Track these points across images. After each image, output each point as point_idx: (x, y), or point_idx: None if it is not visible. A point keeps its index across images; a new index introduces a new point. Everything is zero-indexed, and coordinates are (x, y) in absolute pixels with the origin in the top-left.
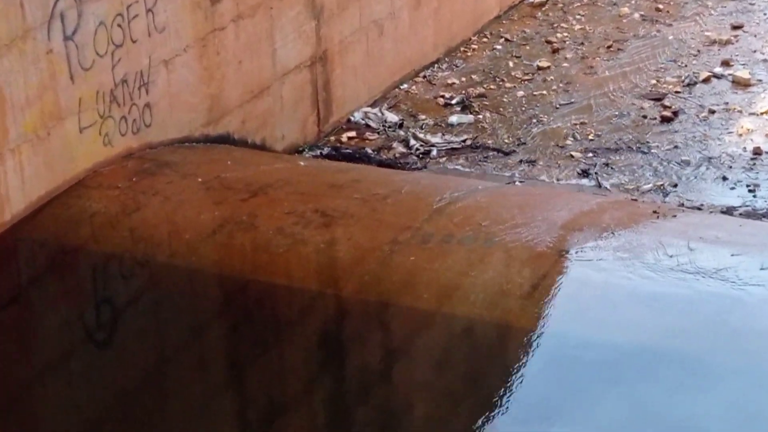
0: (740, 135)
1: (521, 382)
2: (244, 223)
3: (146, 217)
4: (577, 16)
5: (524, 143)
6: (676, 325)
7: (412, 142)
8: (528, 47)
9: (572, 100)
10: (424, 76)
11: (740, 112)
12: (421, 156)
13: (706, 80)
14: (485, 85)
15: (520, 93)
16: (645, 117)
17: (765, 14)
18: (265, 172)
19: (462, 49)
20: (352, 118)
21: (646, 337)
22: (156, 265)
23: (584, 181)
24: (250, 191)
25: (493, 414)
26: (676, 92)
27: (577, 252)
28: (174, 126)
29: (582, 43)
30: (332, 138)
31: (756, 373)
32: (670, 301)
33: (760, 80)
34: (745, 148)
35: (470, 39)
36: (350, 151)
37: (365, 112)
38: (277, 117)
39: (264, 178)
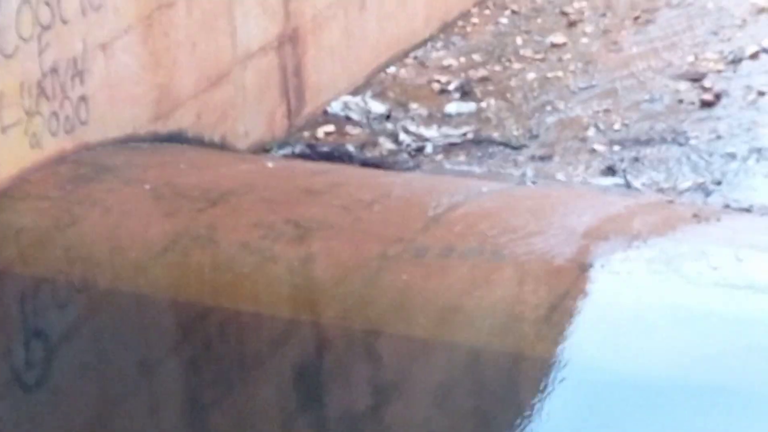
0: None
1: (538, 422)
2: (201, 238)
3: (84, 233)
4: None
5: (537, 136)
6: (724, 351)
7: (402, 136)
8: (539, 20)
9: (593, 83)
10: (416, 57)
11: None
12: (413, 153)
13: (753, 56)
14: (489, 67)
15: (531, 75)
16: (681, 101)
17: None
18: (226, 176)
19: (460, 23)
20: (330, 110)
21: (687, 367)
22: (96, 291)
23: (610, 180)
24: (209, 199)
25: None
26: (718, 71)
27: (602, 265)
28: (115, 123)
29: (604, 14)
30: (306, 133)
31: None
32: (715, 323)
33: None
34: None
35: (470, 11)
36: (328, 149)
37: (345, 102)
38: (240, 109)
39: (225, 184)
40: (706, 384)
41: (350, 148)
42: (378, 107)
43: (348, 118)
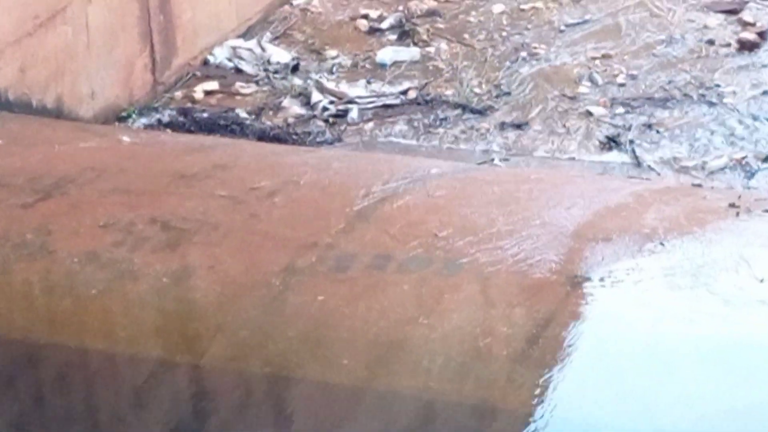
0: None
1: None
2: (28, 246)
3: None
4: None
5: (507, 93)
6: None
7: (316, 96)
8: None
9: (587, 17)
10: None
11: None
12: (331, 121)
13: None
14: None
15: (498, 7)
16: (711, 42)
17: None
18: (63, 157)
19: None
20: (212, 59)
21: (721, 425)
22: None
23: (611, 156)
24: (39, 190)
25: None
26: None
27: (602, 278)
28: None
29: None
30: (178, 93)
31: None
32: (762, 360)
33: None
34: None
35: None
36: (209, 116)
37: (234, 48)
38: (82, 60)
39: (62, 167)
40: None
41: (241, 113)
42: (281, 55)
43: (238, 71)
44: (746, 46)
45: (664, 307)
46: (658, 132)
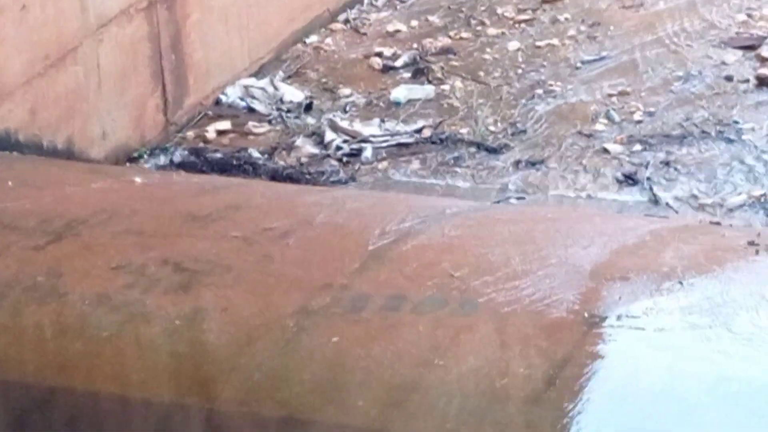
0: None
1: None
2: (39, 288)
3: None
4: None
5: (523, 131)
6: None
7: (330, 135)
8: None
9: (603, 54)
10: (347, 21)
11: None
12: (345, 160)
13: None
14: (452, 33)
15: (514, 44)
16: (730, 79)
17: None
18: (74, 198)
19: None
20: (224, 98)
21: None
22: None
23: (629, 195)
24: (50, 232)
25: None
26: None
27: (619, 317)
28: None
29: None
30: (190, 134)
31: None
32: None
33: None
34: None
35: None
36: (222, 156)
37: (246, 87)
38: (93, 101)
39: (73, 209)
40: None
41: (254, 153)
42: (294, 94)
43: (251, 110)
44: (765, 82)
45: (682, 347)
46: (675, 169)
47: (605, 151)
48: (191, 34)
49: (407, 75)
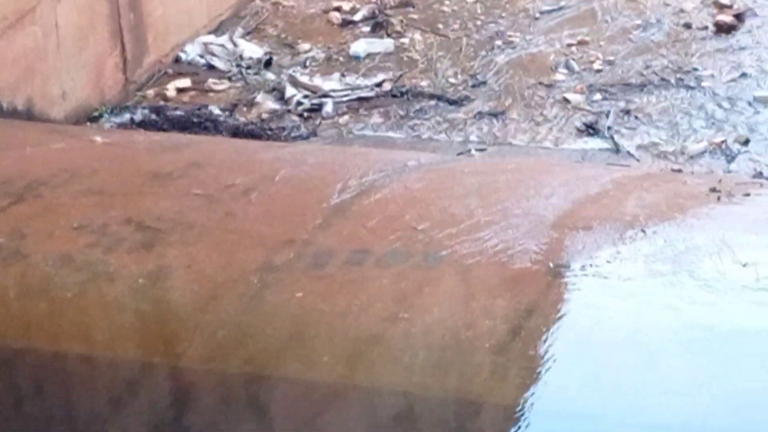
0: None
1: None
2: (2, 250)
3: None
4: None
5: (483, 83)
6: (764, 389)
7: (291, 91)
8: None
9: (562, 3)
10: None
11: None
12: (306, 115)
13: None
14: None
15: None
16: (688, 26)
17: None
18: (34, 159)
19: None
20: (184, 56)
21: (709, 414)
22: None
23: (590, 144)
24: (11, 194)
25: None
26: None
27: (583, 267)
28: None
29: None
30: (150, 92)
31: None
32: (749, 348)
33: None
34: None
35: None
36: (182, 113)
37: (206, 44)
38: (52, 61)
39: (34, 170)
40: None
41: (215, 110)
42: (253, 50)
43: (211, 67)
44: (723, 29)
45: (646, 295)
46: (636, 118)
47: (566, 100)
48: None
49: (366, 29)
